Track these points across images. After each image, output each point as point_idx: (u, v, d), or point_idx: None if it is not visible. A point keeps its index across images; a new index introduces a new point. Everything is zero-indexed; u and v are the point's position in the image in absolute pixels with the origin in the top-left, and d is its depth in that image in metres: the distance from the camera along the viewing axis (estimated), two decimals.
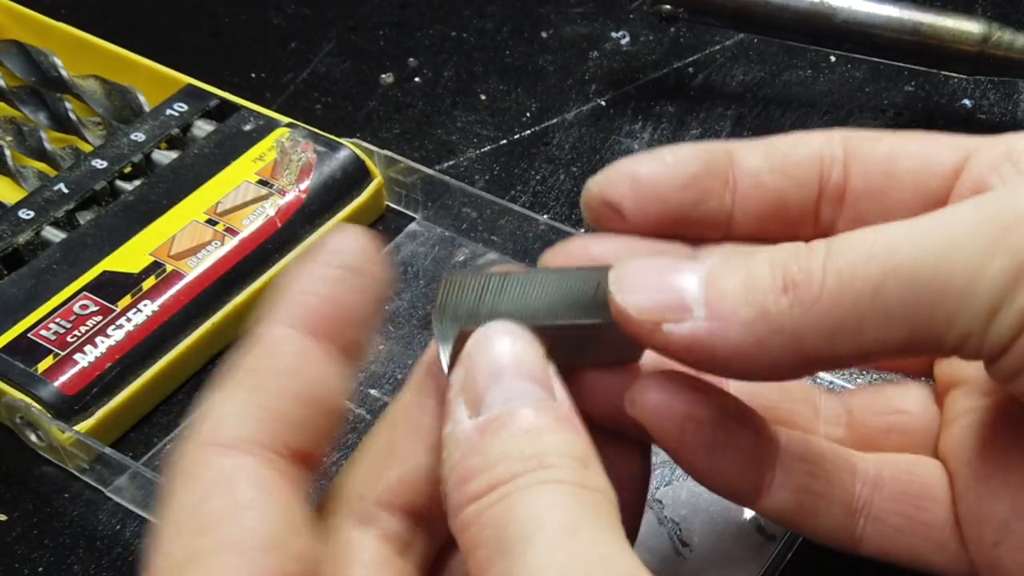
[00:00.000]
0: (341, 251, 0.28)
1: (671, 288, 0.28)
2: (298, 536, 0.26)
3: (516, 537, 0.24)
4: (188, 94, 0.56)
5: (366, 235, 0.29)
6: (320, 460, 0.27)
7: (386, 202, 0.55)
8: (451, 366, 0.28)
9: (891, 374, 0.39)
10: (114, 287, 0.48)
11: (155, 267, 0.49)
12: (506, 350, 0.27)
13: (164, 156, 0.54)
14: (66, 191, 0.52)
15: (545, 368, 0.27)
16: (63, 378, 0.45)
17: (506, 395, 0.26)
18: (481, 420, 0.26)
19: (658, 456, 0.45)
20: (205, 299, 0.49)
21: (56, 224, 0.51)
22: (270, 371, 0.27)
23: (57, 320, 0.47)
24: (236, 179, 0.52)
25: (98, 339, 0.46)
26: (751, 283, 0.27)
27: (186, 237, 0.50)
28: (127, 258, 0.49)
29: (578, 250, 0.32)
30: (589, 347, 0.30)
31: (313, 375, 0.27)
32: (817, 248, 0.27)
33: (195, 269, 0.49)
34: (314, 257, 0.28)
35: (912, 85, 0.60)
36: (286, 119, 0.55)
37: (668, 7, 0.56)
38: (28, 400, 0.45)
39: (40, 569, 0.43)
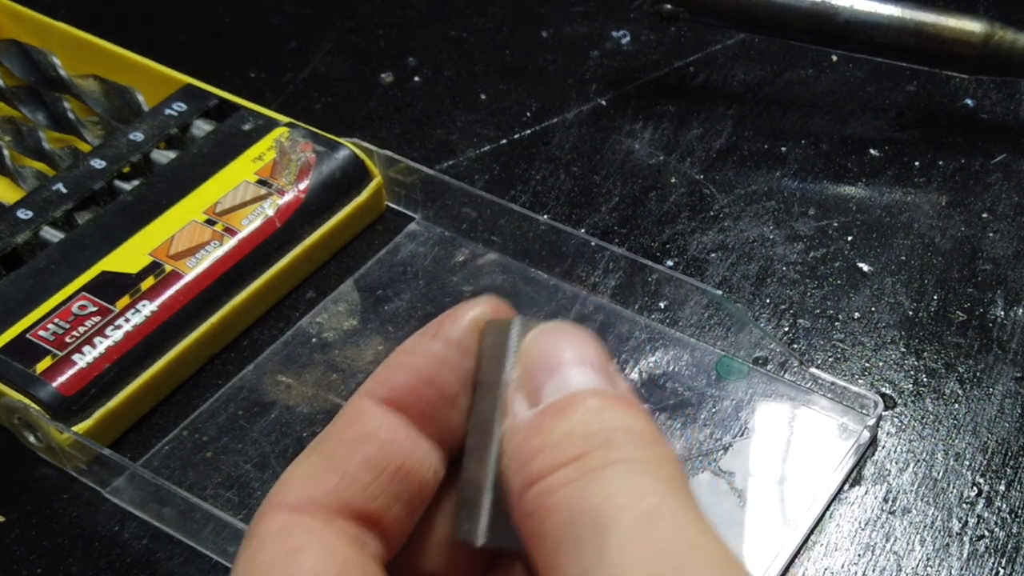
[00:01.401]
0: (450, 327, 0.27)
1: None
2: None
3: (590, 527, 0.23)
4: (187, 94, 0.56)
5: (496, 307, 0.28)
6: (393, 525, 0.27)
7: (386, 202, 0.55)
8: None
9: None
10: (113, 287, 0.48)
11: (154, 267, 0.49)
12: (564, 343, 0.26)
13: (163, 156, 0.54)
14: (65, 191, 0.52)
15: (604, 359, 0.26)
16: (61, 379, 0.45)
17: (566, 384, 0.25)
18: (542, 406, 0.25)
19: None
20: (204, 299, 0.49)
21: (55, 224, 0.51)
22: (343, 437, 0.27)
23: (56, 320, 0.47)
24: (235, 179, 0.52)
25: (96, 340, 0.46)
26: None
27: (185, 237, 0.50)
28: (126, 258, 0.49)
29: None
30: None
31: (386, 441, 0.26)
32: None
33: (194, 269, 0.49)
34: (423, 330, 0.28)
35: (914, 85, 0.60)
36: (285, 119, 0.55)
37: (669, 7, 0.56)
38: (26, 401, 0.45)
39: (39, 570, 0.43)
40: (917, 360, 0.48)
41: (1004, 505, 0.44)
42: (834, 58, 0.61)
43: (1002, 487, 0.44)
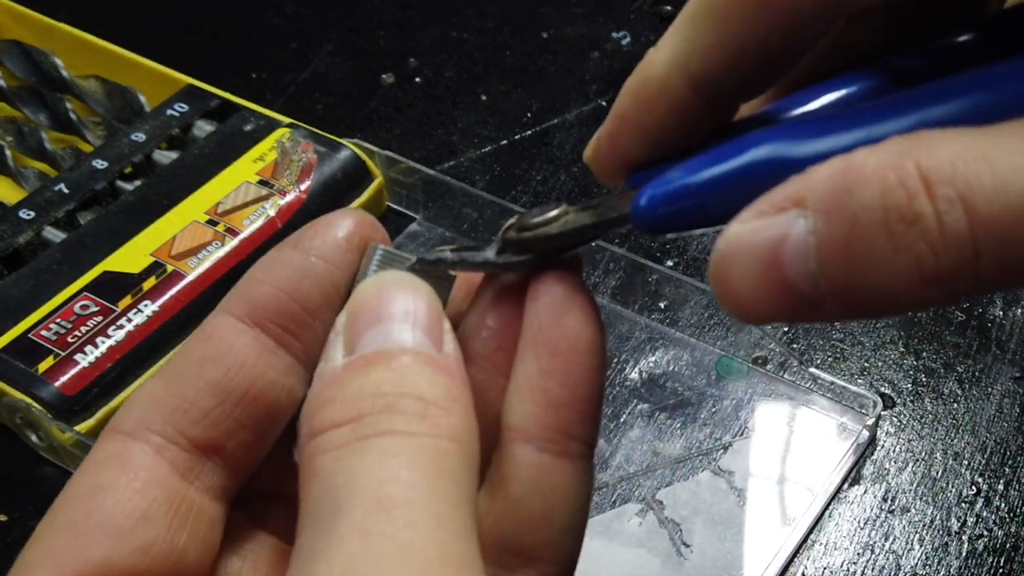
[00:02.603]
0: (311, 239, 0.26)
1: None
2: (151, 527, 0.24)
3: (330, 508, 0.22)
4: (189, 94, 0.56)
5: (361, 222, 0.26)
6: (237, 452, 0.25)
7: (387, 202, 0.55)
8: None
9: None
10: (115, 287, 0.48)
11: (156, 267, 0.49)
12: (395, 295, 0.25)
13: (164, 156, 0.54)
14: (67, 191, 0.52)
15: (437, 319, 0.24)
16: (63, 378, 0.45)
17: (384, 338, 0.24)
18: (352, 357, 0.24)
19: (659, 458, 0.45)
20: (206, 299, 0.49)
21: (57, 224, 0.51)
22: (193, 358, 0.25)
23: (58, 320, 0.47)
24: (237, 179, 0.52)
25: (98, 339, 0.46)
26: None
27: (187, 237, 0.50)
28: (128, 258, 0.49)
29: None
30: None
31: (234, 365, 0.25)
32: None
33: (196, 269, 0.49)
34: (284, 242, 0.26)
35: None
36: (287, 119, 0.55)
37: (669, 8, 0.56)
38: (28, 400, 0.45)
39: None
40: (916, 360, 0.48)
41: (1003, 504, 0.44)
42: None
43: (1001, 486, 0.44)
